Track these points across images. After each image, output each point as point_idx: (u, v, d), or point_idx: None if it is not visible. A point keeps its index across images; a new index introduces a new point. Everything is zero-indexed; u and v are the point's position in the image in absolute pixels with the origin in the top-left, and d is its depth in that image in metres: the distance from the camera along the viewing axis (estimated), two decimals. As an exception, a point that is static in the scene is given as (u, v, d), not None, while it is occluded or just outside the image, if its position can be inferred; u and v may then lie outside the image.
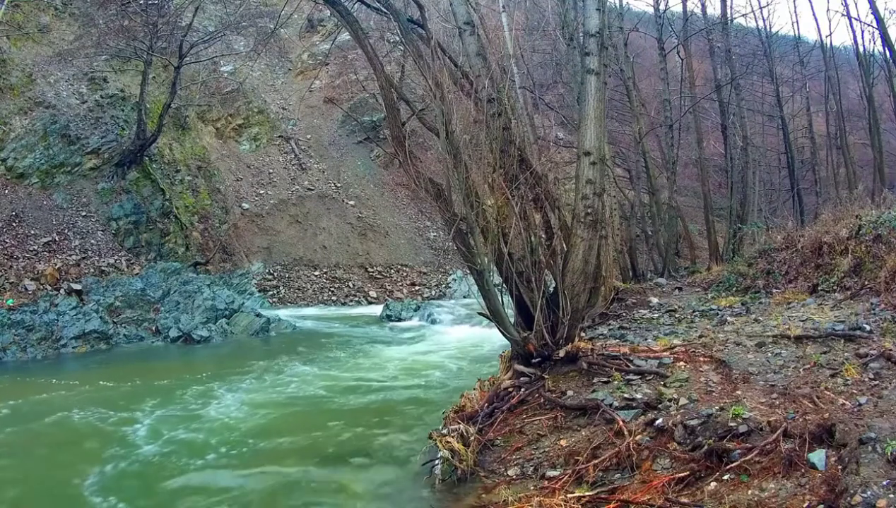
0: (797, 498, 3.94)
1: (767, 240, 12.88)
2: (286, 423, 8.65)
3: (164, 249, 19.05)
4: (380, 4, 8.40)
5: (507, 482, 5.44)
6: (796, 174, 24.97)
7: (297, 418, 8.92)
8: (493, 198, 7.39)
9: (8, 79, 18.53)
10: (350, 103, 28.70)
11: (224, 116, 26.26)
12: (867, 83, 22.91)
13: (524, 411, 6.64)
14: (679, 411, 5.36)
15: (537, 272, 7.32)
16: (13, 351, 13.25)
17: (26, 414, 9.22)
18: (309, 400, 9.93)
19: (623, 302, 12.24)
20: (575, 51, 15.81)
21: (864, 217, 10.41)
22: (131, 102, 20.07)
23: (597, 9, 7.51)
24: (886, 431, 4.17)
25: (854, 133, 28.86)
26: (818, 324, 7.59)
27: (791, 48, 29.23)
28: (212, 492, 6.37)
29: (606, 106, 8.54)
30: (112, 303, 15.54)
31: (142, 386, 10.75)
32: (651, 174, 20.15)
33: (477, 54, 7.72)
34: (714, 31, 23.26)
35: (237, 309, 16.89)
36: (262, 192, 25.31)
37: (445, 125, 7.00)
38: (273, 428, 8.39)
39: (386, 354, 13.61)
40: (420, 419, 8.54)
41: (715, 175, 27.97)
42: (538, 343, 7.16)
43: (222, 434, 8.21)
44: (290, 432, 8.22)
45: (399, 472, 6.56)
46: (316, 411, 9.24)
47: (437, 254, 26.33)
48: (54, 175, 18.05)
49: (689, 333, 8.49)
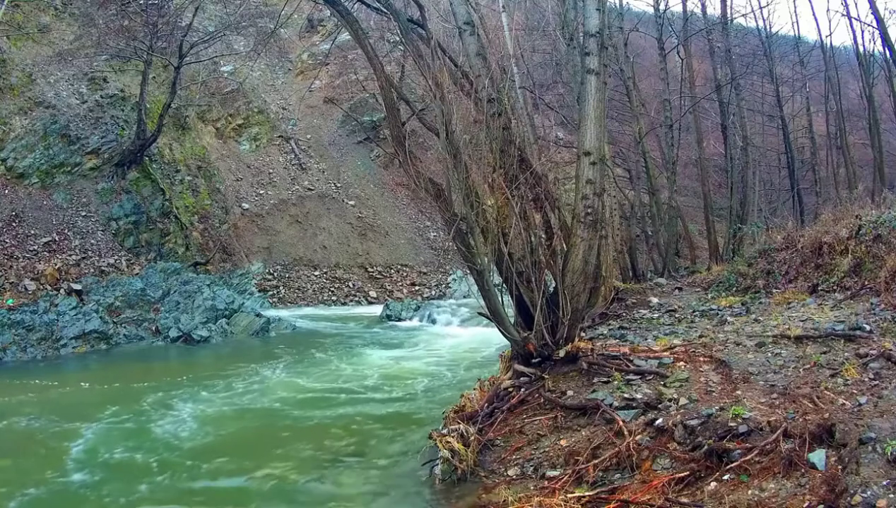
0: (797, 498, 3.94)
1: (767, 240, 12.87)
2: (285, 423, 8.65)
3: (164, 249, 19.05)
4: (380, 4, 8.40)
5: (507, 482, 5.44)
6: (796, 174, 24.95)
7: (297, 418, 8.92)
8: (493, 198, 7.39)
9: (8, 79, 18.53)
10: (350, 103, 28.69)
11: (224, 116, 26.26)
12: (867, 83, 22.89)
13: (524, 411, 6.64)
14: (679, 411, 5.36)
15: (537, 272, 7.32)
16: (13, 351, 13.25)
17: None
18: (309, 399, 9.93)
19: (623, 302, 12.24)
20: (575, 51, 15.80)
21: (864, 217, 10.41)
22: (131, 102, 20.06)
23: (597, 9, 7.51)
24: (886, 431, 4.17)
25: (854, 133, 28.84)
26: (818, 324, 7.58)
27: (791, 48, 29.21)
28: (211, 492, 6.37)
29: (606, 106, 8.53)
30: (112, 303, 15.54)
31: (141, 385, 10.74)
32: (651, 174, 20.14)
33: (477, 54, 7.72)
34: (714, 31, 23.25)
35: (237, 309, 16.89)
36: (262, 192, 25.31)
37: (445, 125, 7.00)
38: (273, 428, 8.39)
39: (386, 354, 13.61)
40: (420, 419, 8.54)
41: (715, 175, 27.96)
42: (538, 343, 7.16)
43: (221, 433, 8.22)
44: (290, 432, 8.23)
45: (399, 472, 6.56)
46: (316, 411, 9.23)
47: (437, 254, 26.32)
48: (54, 175, 18.05)
49: (689, 333, 8.49)
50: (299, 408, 9.45)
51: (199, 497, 6.31)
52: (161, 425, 8.54)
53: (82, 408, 9.33)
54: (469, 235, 7.10)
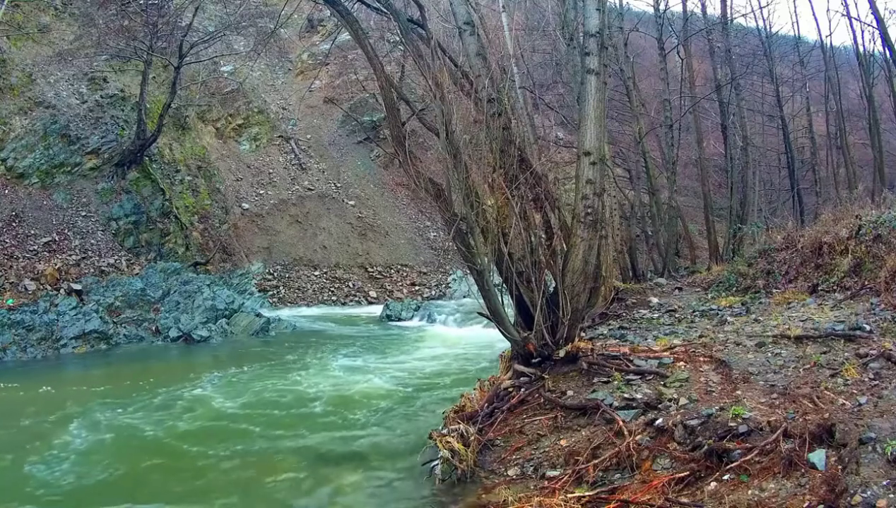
0: (797, 498, 3.94)
1: (767, 240, 12.87)
2: (285, 423, 8.65)
3: (164, 249, 19.04)
4: (380, 4, 8.40)
5: (507, 482, 5.44)
6: (796, 174, 24.95)
7: (297, 418, 8.91)
8: (493, 198, 7.40)
9: (8, 79, 18.53)
10: (350, 103, 28.68)
11: (224, 116, 26.25)
12: (867, 83, 22.89)
13: (524, 411, 6.64)
14: (679, 411, 5.36)
15: (537, 272, 7.32)
16: (13, 351, 13.25)
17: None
18: (309, 399, 9.93)
19: (623, 302, 12.24)
20: (575, 51, 15.80)
21: (864, 217, 10.41)
22: (131, 102, 20.06)
23: (597, 9, 7.51)
24: (886, 431, 4.17)
25: (854, 133, 28.83)
26: (818, 324, 7.58)
27: (791, 48, 29.20)
28: (211, 491, 6.36)
29: (606, 106, 8.53)
30: (112, 303, 15.53)
31: (141, 385, 10.74)
32: (651, 174, 20.14)
33: (477, 54, 7.72)
34: (714, 31, 23.25)
35: (237, 309, 16.88)
36: (262, 192, 25.31)
37: (445, 125, 7.00)
38: (272, 428, 8.38)
39: (385, 354, 13.61)
40: (420, 419, 8.54)
41: (715, 175, 27.96)
42: (538, 343, 7.16)
43: (220, 432, 8.21)
44: (289, 431, 8.22)
45: (399, 472, 6.56)
46: (315, 411, 9.24)
47: (437, 254, 26.31)
48: (54, 175, 18.05)
49: (689, 333, 8.49)
50: (298, 407, 9.46)
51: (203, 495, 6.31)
52: (161, 425, 8.54)
53: (82, 408, 9.33)
54: (469, 235, 7.10)
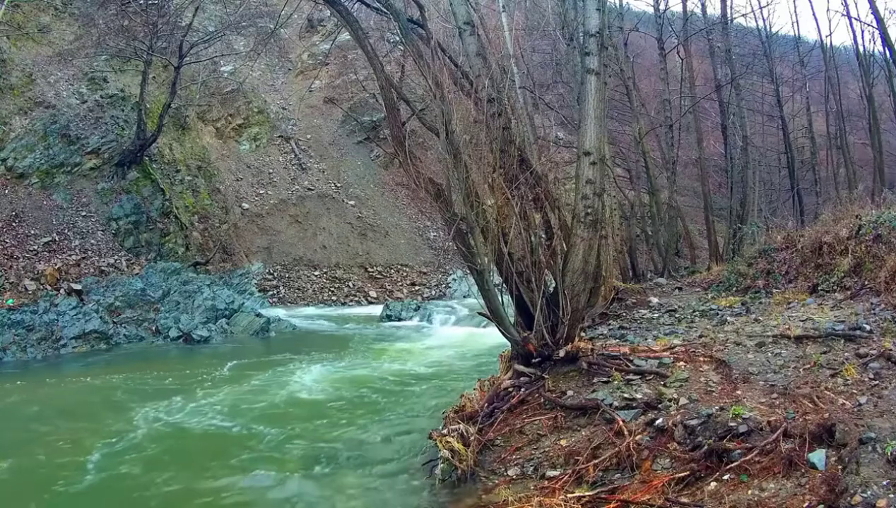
0: (797, 498, 3.94)
1: (767, 240, 12.87)
2: (284, 423, 8.64)
3: (164, 249, 19.04)
4: (380, 4, 8.40)
5: (507, 482, 5.44)
6: (796, 174, 24.93)
7: (296, 418, 8.90)
8: (493, 198, 7.39)
9: (8, 79, 18.52)
10: (350, 103, 28.68)
11: (224, 116, 26.25)
12: (867, 83, 22.90)
13: (524, 411, 6.64)
14: (679, 411, 5.36)
15: (537, 272, 7.32)
16: (13, 351, 13.25)
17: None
18: (309, 399, 9.93)
19: (623, 302, 12.23)
20: (575, 51, 15.81)
21: (864, 217, 10.40)
22: (131, 102, 20.05)
23: (597, 9, 7.51)
24: (886, 431, 4.17)
25: (854, 133, 28.84)
26: (818, 324, 7.58)
27: (791, 48, 29.20)
28: (211, 491, 6.36)
29: (606, 106, 8.53)
30: (112, 303, 15.53)
31: (141, 385, 10.75)
32: (651, 174, 20.13)
33: (477, 54, 7.72)
34: (714, 31, 23.24)
35: (237, 309, 16.88)
36: (262, 192, 25.31)
37: (445, 125, 7.00)
38: (271, 428, 8.37)
39: (385, 354, 13.61)
40: (420, 419, 8.54)
41: (715, 175, 27.96)
42: (538, 343, 7.16)
43: (220, 432, 8.21)
44: (289, 432, 8.21)
45: (399, 472, 6.55)
46: (316, 411, 9.23)
47: (437, 254, 26.30)
48: (54, 175, 18.04)
49: (689, 333, 8.48)
50: (298, 407, 9.46)
51: (203, 495, 6.30)
52: (160, 425, 8.54)
53: (82, 408, 9.33)
54: (469, 235, 7.10)
